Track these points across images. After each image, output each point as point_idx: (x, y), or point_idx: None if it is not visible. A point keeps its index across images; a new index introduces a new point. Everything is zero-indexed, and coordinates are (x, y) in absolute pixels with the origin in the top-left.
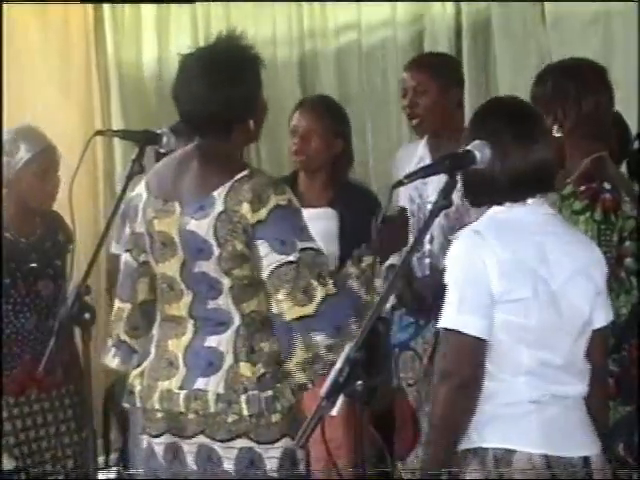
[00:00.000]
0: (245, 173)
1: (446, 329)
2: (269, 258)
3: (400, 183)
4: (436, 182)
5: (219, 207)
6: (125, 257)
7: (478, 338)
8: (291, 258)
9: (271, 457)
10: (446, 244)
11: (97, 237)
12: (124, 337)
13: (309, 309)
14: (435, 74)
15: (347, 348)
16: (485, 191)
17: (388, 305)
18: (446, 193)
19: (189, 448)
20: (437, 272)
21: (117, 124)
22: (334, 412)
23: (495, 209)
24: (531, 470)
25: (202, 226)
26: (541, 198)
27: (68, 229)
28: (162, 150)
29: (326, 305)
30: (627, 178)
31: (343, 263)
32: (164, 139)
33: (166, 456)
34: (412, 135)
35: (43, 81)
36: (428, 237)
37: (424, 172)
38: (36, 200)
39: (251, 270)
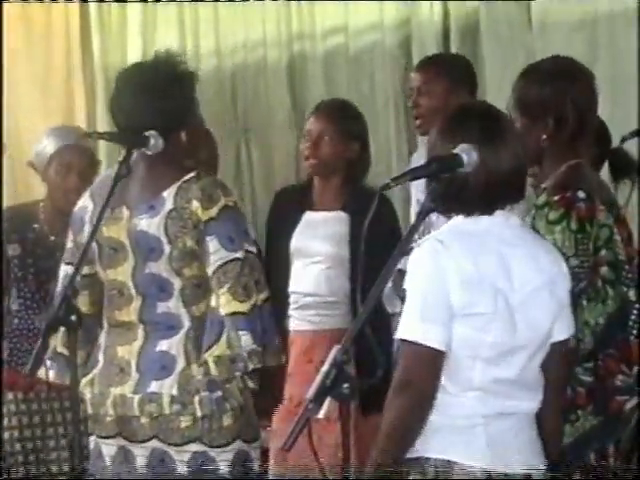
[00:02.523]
0: (193, 174)
1: (405, 340)
2: (218, 254)
3: (387, 186)
4: None
5: (169, 205)
6: (66, 269)
7: (438, 350)
8: (238, 255)
9: (224, 460)
10: None
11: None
12: (61, 349)
13: (245, 307)
14: (439, 75)
15: (334, 351)
16: (457, 199)
17: (398, 309)
18: (433, 196)
19: (141, 452)
20: None
21: (102, 127)
22: (321, 415)
23: (460, 219)
24: None
25: (152, 225)
26: (509, 209)
27: None
28: (149, 152)
29: (259, 310)
30: (605, 185)
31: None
32: (151, 141)
33: (116, 458)
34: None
35: (24, 83)
36: None
37: (411, 175)
38: (56, 197)
39: (200, 270)
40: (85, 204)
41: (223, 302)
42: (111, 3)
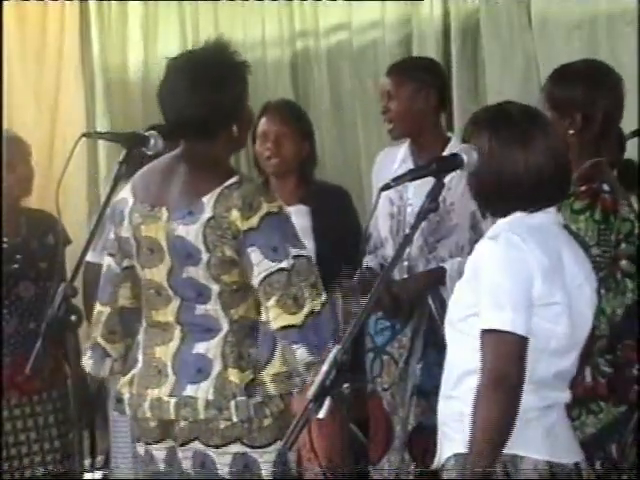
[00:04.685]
0: (235, 180)
1: (496, 330)
2: (261, 265)
3: (388, 186)
4: (416, 184)
5: (208, 213)
6: (108, 261)
7: (526, 337)
8: (283, 265)
9: (266, 461)
10: (425, 247)
11: (82, 240)
12: (100, 340)
13: (296, 319)
14: (404, 79)
15: (334, 351)
16: (513, 198)
17: None
18: (433, 196)
19: (184, 454)
20: (415, 276)
21: (101, 127)
22: (321, 415)
23: (518, 214)
24: (536, 477)
25: (191, 232)
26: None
27: (60, 231)
28: (149, 153)
29: (312, 320)
30: (620, 186)
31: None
32: (151, 141)
33: (167, 460)
34: None
35: (17, 83)
36: None
37: (412, 175)
38: (7, 192)
39: (240, 276)
40: (125, 196)
41: (273, 316)
42: (111, 2)
